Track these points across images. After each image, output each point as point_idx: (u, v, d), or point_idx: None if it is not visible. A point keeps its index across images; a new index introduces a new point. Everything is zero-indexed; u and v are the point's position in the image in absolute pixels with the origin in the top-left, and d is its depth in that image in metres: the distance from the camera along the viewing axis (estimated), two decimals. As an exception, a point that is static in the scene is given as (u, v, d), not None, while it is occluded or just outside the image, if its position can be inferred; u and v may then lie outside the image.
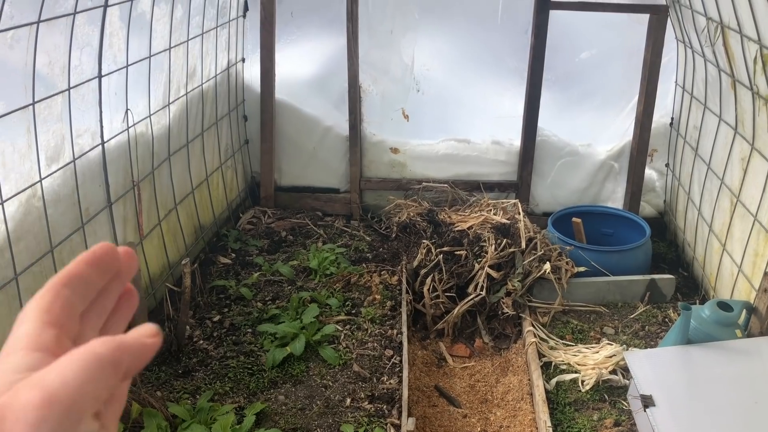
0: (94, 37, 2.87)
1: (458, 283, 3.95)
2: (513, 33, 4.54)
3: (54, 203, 2.73)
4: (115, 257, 0.52)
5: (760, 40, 2.99)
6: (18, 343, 0.45)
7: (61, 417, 0.40)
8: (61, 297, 0.48)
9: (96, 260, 0.51)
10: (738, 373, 2.84)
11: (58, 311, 0.47)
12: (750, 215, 3.35)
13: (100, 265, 0.51)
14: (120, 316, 0.55)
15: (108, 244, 0.53)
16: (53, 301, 0.48)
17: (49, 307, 0.47)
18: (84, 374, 0.42)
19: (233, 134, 4.71)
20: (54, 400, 0.40)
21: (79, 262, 0.50)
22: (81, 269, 0.50)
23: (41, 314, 0.47)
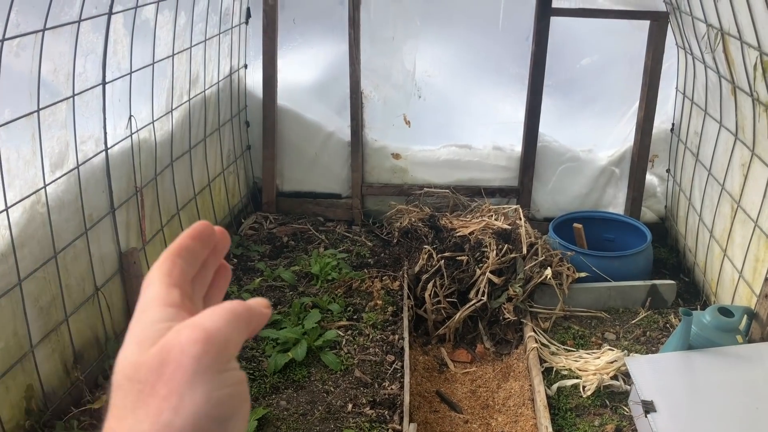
0: (98, 44, 2.89)
1: (459, 289, 3.96)
2: (514, 39, 4.56)
3: (58, 209, 2.75)
4: (212, 233, 0.59)
5: (760, 46, 3.00)
6: (151, 301, 0.52)
7: (218, 353, 0.47)
8: (177, 264, 0.55)
9: (198, 234, 0.58)
10: (739, 378, 2.84)
11: (177, 275, 0.54)
12: (751, 221, 3.36)
13: (202, 239, 0.58)
14: (218, 288, 0.62)
15: (206, 222, 0.60)
16: (172, 268, 0.55)
17: (170, 272, 0.54)
18: (231, 323, 0.49)
19: (235, 140, 4.73)
20: (212, 338, 0.47)
21: (185, 237, 0.57)
22: (188, 242, 0.57)
23: (164, 278, 0.54)
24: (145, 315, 0.51)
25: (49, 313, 2.74)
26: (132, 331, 0.50)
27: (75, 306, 2.92)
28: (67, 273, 2.84)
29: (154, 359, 0.46)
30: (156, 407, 0.45)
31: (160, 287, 0.53)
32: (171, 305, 0.51)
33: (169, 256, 0.55)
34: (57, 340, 2.81)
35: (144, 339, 0.48)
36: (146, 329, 0.49)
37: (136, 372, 0.47)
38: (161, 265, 0.55)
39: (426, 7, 4.54)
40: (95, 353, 3.11)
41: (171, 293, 0.53)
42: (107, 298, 3.15)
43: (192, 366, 0.46)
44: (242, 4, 4.53)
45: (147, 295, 0.53)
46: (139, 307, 0.52)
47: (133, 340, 0.49)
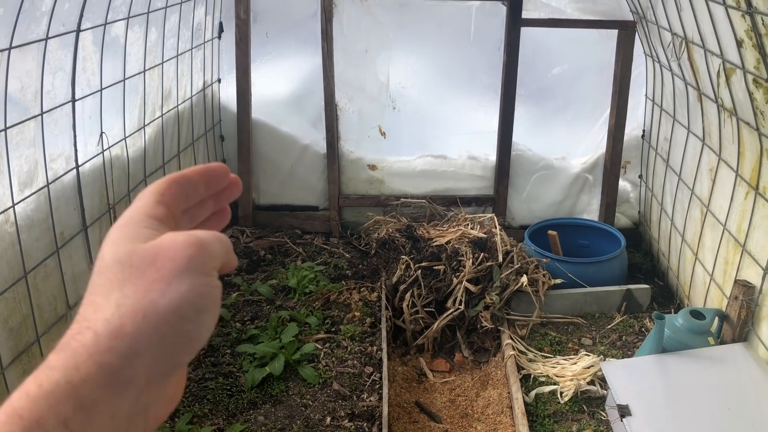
0: (66, 61, 2.87)
1: (437, 298, 3.97)
2: (486, 50, 4.61)
3: (27, 228, 2.72)
4: (223, 175, 0.62)
5: (722, 54, 3.07)
6: (138, 210, 0.55)
7: (208, 259, 0.52)
8: (172, 188, 0.58)
9: (208, 174, 0.61)
10: (711, 380, 2.88)
11: (169, 197, 0.57)
12: (720, 224, 3.42)
13: (210, 179, 0.61)
14: (209, 228, 0.64)
15: (223, 165, 0.62)
16: (166, 189, 0.58)
17: (162, 191, 0.57)
18: (220, 243, 0.55)
19: (210, 154, 4.72)
20: (205, 246, 0.53)
21: (194, 170, 0.60)
22: (193, 176, 0.60)
23: (155, 195, 0.57)
24: (131, 221, 0.54)
25: (19, 333, 2.69)
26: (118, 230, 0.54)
27: (47, 326, 2.88)
28: (38, 293, 2.81)
29: (149, 251, 0.51)
30: (144, 288, 0.49)
31: (150, 201, 0.56)
32: (155, 218, 0.55)
33: (167, 179, 0.58)
34: (28, 361, 2.76)
35: (135, 237, 0.52)
36: (136, 231, 0.53)
37: (130, 257, 0.51)
38: (157, 184, 0.58)
39: (398, 20, 4.58)
40: (69, 373, 3.06)
41: (157, 208, 0.56)
42: (80, 317, 3.11)
43: (184, 262, 0.51)
44: (214, 19, 4.53)
45: (134, 205, 0.56)
46: (125, 214, 0.56)
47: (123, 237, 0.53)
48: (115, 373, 0.47)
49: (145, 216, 0.55)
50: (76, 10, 2.84)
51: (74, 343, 0.48)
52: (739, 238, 3.21)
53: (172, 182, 0.58)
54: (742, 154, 3.19)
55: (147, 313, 0.48)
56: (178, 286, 0.50)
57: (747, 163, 3.16)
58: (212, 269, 0.53)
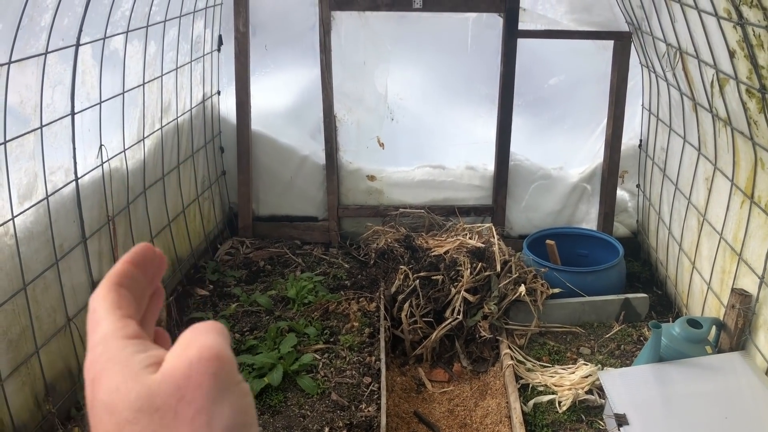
0: (66, 75, 2.91)
1: (435, 308, 3.98)
2: (483, 61, 4.65)
3: (27, 240, 2.74)
4: (153, 257, 0.56)
5: (716, 64, 3.10)
6: (111, 338, 0.48)
7: (231, 366, 0.46)
8: (122, 295, 0.52)
9: (140, 260, 0.55)
10: (708, 389, 2.88)
11: (126, 306, 0.51)
12: (716, 233, 3.44)
13: (143, 264, 0.55)
14: (151, 312, 0.58)
15: (147, 245, 0.56)
16: (119, 299, 0.51)
17: (118, 304, 0.51)
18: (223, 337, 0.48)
19: (210, 166, 4.75)
20: (221, 353, 0.46)
21: (126, 262, 0.54)
22: (129, 269, 0.54)
23: (116, 311, 0.50)
24: (114, 354, 0.47)
25: (18, 345, 2.71)
26: (107, 373, 0.46)
27: (46, 338, 2.89)
28: (38, 304, 2.83)
29: (167, 385, 0.45)
30: (187, 430, 0.44)
31: (114, 321, 0.50)
32: (133, 337, 0.49)
33: (112, 287, 0.52)
34: (27, 373, 2.78)
35: (135, 372, 0.46)
36: (129, 363, 0.46)
37: (151, 401, 0.44)
38: (106, 296, 0.52)
39: (396, 32, 4.62)
40: (68, 385, 3.08)
41: (127, 325, 0.49)
42: (80, 328, 3.13)
43: (213, 383, 0.45)
44: (213, 32, 4.58)
45: (101, 332, 0.49)
46: (97, 345, 0.49)
47: (120, 377, 0.46)
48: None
49: (122, 340, 0.48)
50: (76, 25, 2.88)
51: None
52: (735, 247, 3.22)
53: (119, 288, 0.52)
54: (737, 163, 3.21)
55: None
56: (221, 411, 0.44)
57: (742, 172, 3.18)
58: (236, 372, 0.47)
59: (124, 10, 3.27)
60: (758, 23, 2.50)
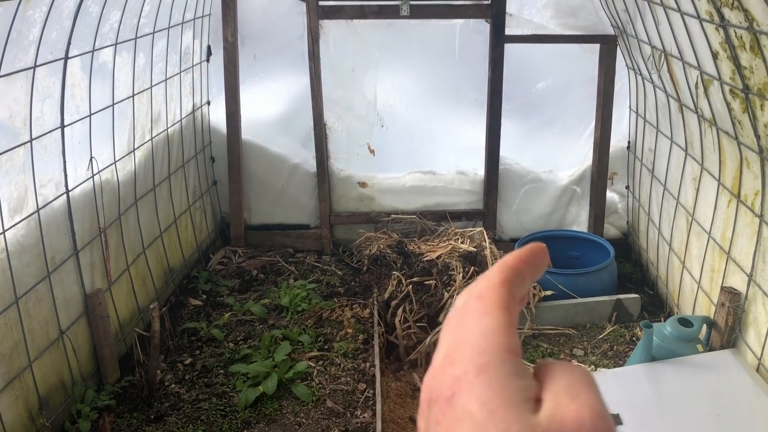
0: (55, 88, 2.91)
1: (429, 313, 3.99)
2: (471, 67, 4.68)
3: (18, 254, 2.74)
4: (545, 257, 0.50)
5: (700, 66, 3.14)
6: (495, 340, 0.43)
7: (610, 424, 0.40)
8: (512, 295, 0.46)
9: (533, 261, 0.49)
10: (700, 387, 2.91)
11: (512, 309, 0.45)
12: (705, 233, 3.47)
13: (535, 267, 0.49)
14: None
15: (543, 246, 0.50)
16: (509, 299, 0.46)
17: (508, 304, 0.45)
18: (603, 400, 0.42)
19: (201, 176, 4.75)
20: (608, 422, 0.41)
21: (521, 260, 0.48)
22: (522, 268, 0.48)
23: (505, 311, 0.45)
24: (489, 357, 0.42)
25: (11, 359, 2.70)
26: (480, 377, 0.41)
27: (39, 351, 2.89)
28: (30, 318, 2.82)
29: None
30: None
31: (501, 322, 0.44)
32: (514, 352, 0.43)
33: (506, 281, 0.46)
34: (20, 387, 2.77)
35: (515, 401, 0.40)
36: (508, 386, 0.41)
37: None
38: (499, 288, 0.46)
39: (384, 39, 4.65)
40: (61, 398, 3.07)
41: (514, 336, 0.43)
42: (73, 341, 3.12)
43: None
44: (202, 43, 4.59)
45: (484, 326, 0.43)
46: (476, 339, 0.43)
47: (494, 393, 0.40)
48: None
49: (506, 351, 0.42)
50: (64, 38, 2.89)
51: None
52: (723, 246, 3.26)
53: (512, 286, 0.46)
54: (723, 162, 3.25)
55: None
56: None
57: (728, 172, 3.21)
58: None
59: (112, 22, 3.28)
60: (740, 25, 2.54)
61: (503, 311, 0.44)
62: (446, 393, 0.42)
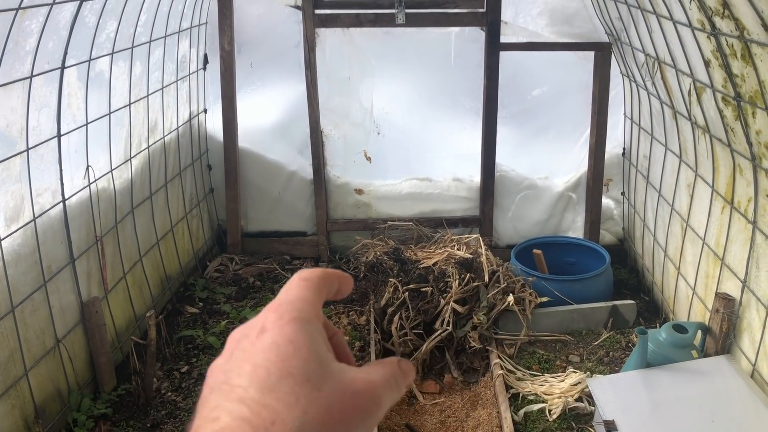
0: (52, 98, 2.93)
1: (425, 320, 4.00)
2: (467, 74, 4.71)
3: (14, 263, 2.75)
4: (350, 288, 0.60)
5: (692, 73, 3.16)
6: (311, 307, 0.52)
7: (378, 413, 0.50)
8: (322, 289, 0.56)
9: (345, 282, 0.59)
10: (695, 393, 2.92)
11: (324, 295, 0.56)
12: (699, 239, 3.49)
13: (342, 286, 0.59)
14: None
15: (350, 278, 0.60)
16: (322, 286, 0.55)
17: (320, 289, 0.55)
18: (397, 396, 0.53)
19: (197, 184, 4.76)
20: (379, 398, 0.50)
21: (336, 273, 0.58)
22: (334, 278, 0.58)
23: (319, 293, 0.55)
24: (309, 323, 0.50)
25: (7, 368, 2.70)
26: (296, 323, 0.49)
27: (35, 359, 2.89)
28: (26, 326, 2.82)
29: (342, 383, 0.48)
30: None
31: (319, 299, 0.53)
32: (323, 324, 0.53)
33: (323, 277, 0.56)
34: (16, 396, 2.77)
35: (316, 344, 0.49)
36: (315, 335, 0.50)
37: (321, 376, 0.48)
38: (318, 280, 0.55)
39: (380, 47, 4.67)
40: (58, 406, 3.07)
41: (320, 311, 0.53)
42: (69, 349, 3.13)
43: (360, 418, 0.48)
44: (199, 51, 4.61)
45: (306, 293, 0.53)
46: (293, 295, 0.52)
47: (304, 336, 0.49)
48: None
49: (317, 318, 0.52)
50: (61, 48, 2.91)
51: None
52: (717, 252, 3.27)
53: (324, 283, 0.55)
54: (717, 169, 3.27)
55: None
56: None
57: (722, 178, 3.23)
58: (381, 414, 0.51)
59: (109, 32, 3.30)
60: (731, 33, 2.57)
61: (318, 292, 0.53)
62: (258, 329, 0.49)
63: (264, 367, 0.47)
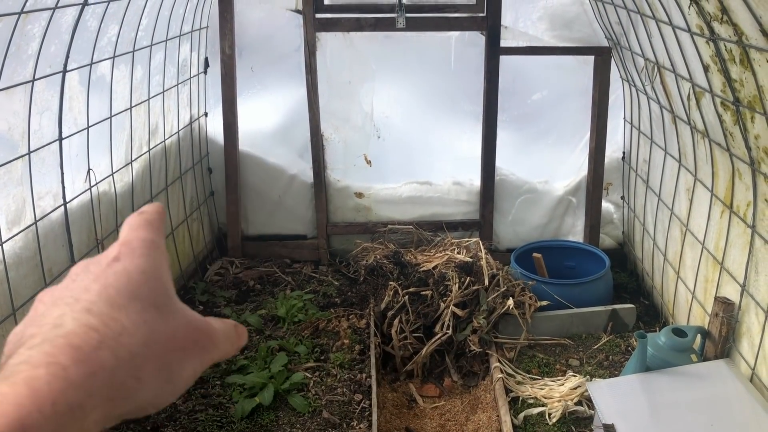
0: (53, 101, 2.94)
1: (425, 323, 4.00)
2: (467, 78, 4.72)
3: (16, 266, 2.75)
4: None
5: (692, 78, 3.18)
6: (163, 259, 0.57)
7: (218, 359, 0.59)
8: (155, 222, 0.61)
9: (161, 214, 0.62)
10: (694, 397, 2.92)
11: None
12: (698, 243, 3.49)
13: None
14: None
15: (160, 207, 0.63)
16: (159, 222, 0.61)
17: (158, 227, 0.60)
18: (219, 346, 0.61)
19: (198, 187, 4.77)
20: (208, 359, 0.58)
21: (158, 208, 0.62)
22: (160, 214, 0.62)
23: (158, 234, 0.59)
24: (156, 248, 0.55)
25: (8, 371, 2.71)
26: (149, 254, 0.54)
27: (35, 362, 2.89)
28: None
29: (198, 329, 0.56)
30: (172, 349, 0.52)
31: (160, 238, 0.58)
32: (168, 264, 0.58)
33: (162, 214, 0.61)
34: (17, 399, 2.77)
35: (165, 276, 0.54)
36: (164, 270, 0.55)
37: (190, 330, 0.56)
38: (158, 212, 0.60)
39: (380, 51, 4.69)
40: (58, 410, 3.07)
41: (164, 250, 0.58)
42: (69, 352, 3.13)
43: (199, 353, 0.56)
44: (200, 55, 4.63)
45: (155, 233, 0.57)
46: (144, 232, 0.57)
47: (153, 266, 0.54)
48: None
49: (164, 256, 0.56)
50: (62, 52, 2.92)
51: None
52: (717, 256, 3.28)
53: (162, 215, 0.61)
54: (716, 174, 3.28)
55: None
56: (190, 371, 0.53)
57: (721, 183, 3.24)
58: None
59: (110, 35, 3.31)
60: (729, 38, 2.58)
61: (161, 233, 0.58)
62: (112, 255, 0.52)
63: (114, 287, 0.49)
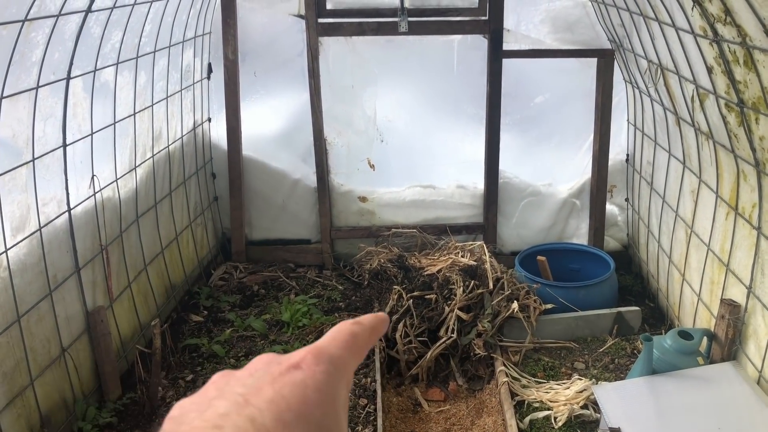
0: (57, 108, 2.95)
1: (430, 327, 3.99)
2: (470, 82, 4.72)
3: (20, 272, 2.76)
4: (385, 327, 0.60)
5: (695, 80, 3.17)
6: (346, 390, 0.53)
7: None
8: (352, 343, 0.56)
9: (379, 325, 0.58)
10: (701, 400, 2.91)
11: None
12: (704, 245, 3.48)
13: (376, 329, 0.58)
14: None
15: (386, 316, 0.59)
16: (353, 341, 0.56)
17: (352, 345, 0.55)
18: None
19: (202, 192, 4.78)
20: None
21: (368, 323, 0.57)
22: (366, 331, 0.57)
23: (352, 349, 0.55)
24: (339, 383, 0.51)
25: (13, 378, 2.71)
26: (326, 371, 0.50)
27: (40, 369, 2.90)
28: (32, 336, 2.83)
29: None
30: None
31: (354, 360, 0.54)
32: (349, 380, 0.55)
33: (375, 330, 0.57)
34: (22, 405, 2.78)
35: (339, 400, 0.50)
36: (338, 393, 0.51)
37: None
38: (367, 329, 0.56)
39: (382, 56, 4.69)
40: (63, 415, 3.07)
41: (351, 374, 0.54)
42: (74, 358, 3.13)
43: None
44: (203, 61, 4.64)
45: (344, 354, 0.53)
46: (334, 359, 0.52)
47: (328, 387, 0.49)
48: None
49: (348, 385, 0.53)
50: (66, 59, 2.93)
51: None
52: (722, 258, 3.27)
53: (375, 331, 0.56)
54: (721, 175, 3.26)
55: None
56: None
57: (726, 184, 3.23)
58: None
59: (114, 42, 3.32)
60: (733, 40, 2.57)
61: (359, 353, 0.55)
62: (292, 363, 0.49)
63: (286, 400, 0.46)
